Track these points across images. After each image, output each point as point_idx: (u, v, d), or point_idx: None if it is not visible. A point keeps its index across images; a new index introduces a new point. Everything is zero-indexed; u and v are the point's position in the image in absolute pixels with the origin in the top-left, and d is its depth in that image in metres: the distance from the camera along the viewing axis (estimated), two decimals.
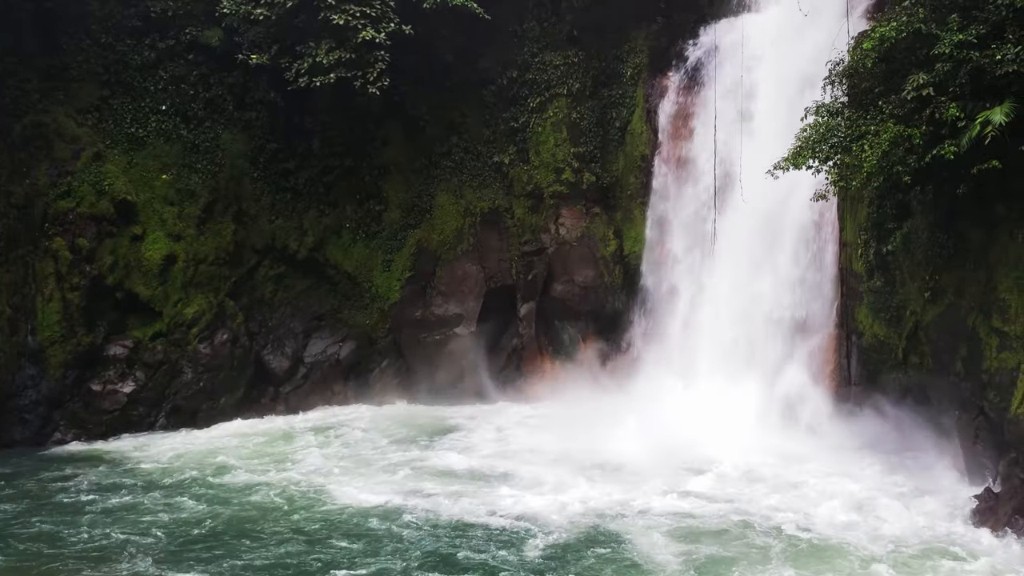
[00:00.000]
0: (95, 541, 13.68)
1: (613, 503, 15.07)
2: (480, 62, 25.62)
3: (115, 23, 23.34)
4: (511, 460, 17.91)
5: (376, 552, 13.05)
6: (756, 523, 13.89)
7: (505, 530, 13.91)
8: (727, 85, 21.70)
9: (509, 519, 14.37)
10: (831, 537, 13.20)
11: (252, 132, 24.58)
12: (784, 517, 14.02)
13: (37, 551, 13.30)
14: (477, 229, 25.35)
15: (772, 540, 13.21)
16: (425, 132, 25.75)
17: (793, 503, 14.66)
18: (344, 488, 16.16)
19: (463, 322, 24.89)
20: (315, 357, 24.57)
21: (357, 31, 22.17)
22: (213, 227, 23.52)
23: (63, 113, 22.31)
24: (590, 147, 24.90)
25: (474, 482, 16.54)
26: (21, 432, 20.50)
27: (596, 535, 13.67)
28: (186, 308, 22.65)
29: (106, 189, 22.10)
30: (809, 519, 13.92)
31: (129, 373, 21.70)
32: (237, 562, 12.72)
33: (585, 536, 13.62)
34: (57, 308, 21.11)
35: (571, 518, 14.33)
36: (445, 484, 16.37)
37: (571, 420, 19.74)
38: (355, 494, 15.79)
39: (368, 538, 13.66)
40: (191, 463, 18.30)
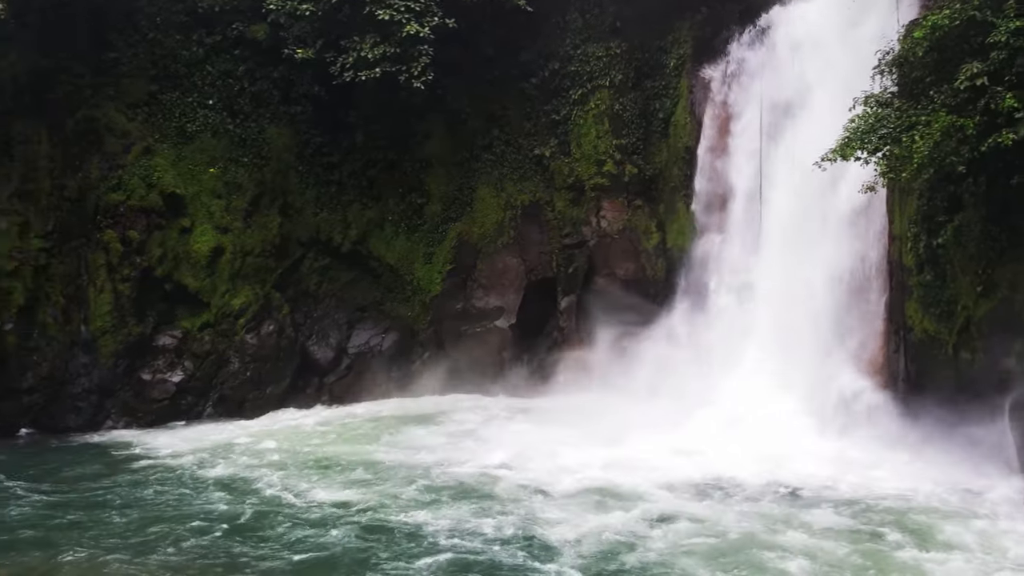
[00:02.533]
0: (138, 528, 13.92)
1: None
2: (521, 55, 25.64)
3: (164, 19, 23.73)
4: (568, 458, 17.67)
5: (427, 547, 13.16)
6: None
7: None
8: (774, 75, 21.43)
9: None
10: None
11: (297, 126, 24.89)
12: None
13: (83, 536, 13.57)
14: (518, 222, 25.43)
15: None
16: (466, 125, 25.87)
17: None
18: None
19: (503, 315, 25.00)
20: (358, 348, 24.85)
21: (401, 25, 22.32)
22: (259, 220, 23.87)
23: (114, 108, 22.76)
24: (632, 139, 24.80)
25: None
26: (75, 419, 21.04)
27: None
28: (233, 299, 23.03)
29: (155, 182, 22.55)
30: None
31: (178, 363, 22.14)
32: (291, 555, 12.76)
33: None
34: (109, 299, 21.62)
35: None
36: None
37: (615, 416, 19.53)
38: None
39: (419, 531, 13.77)
40: (238, 452, 18.57)
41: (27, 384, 20.67)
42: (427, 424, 20.93)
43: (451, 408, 22.58)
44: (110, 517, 14.42)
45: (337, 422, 21.51)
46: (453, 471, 16.75)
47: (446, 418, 21.46)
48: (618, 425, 18.58)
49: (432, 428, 20.57)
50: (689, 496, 15.06)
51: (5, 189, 21.22)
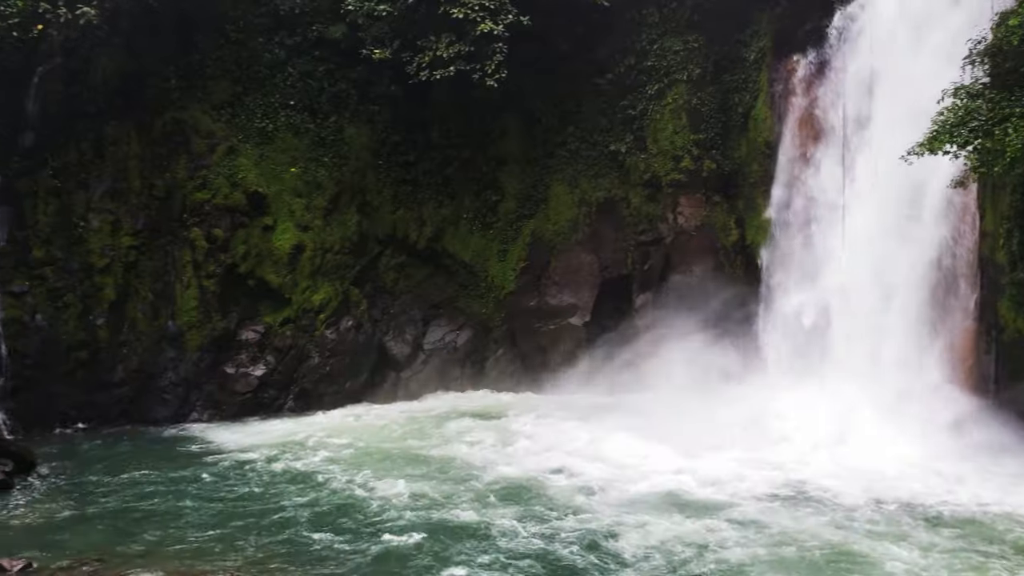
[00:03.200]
0: (221, 519, 14.28)
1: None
2: (597, 51, 25.50)
3: (247, 22, 24.37)
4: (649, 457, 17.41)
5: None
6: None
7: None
8: (858, 67, 20.84)
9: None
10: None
11: (375, 125, 25.27)
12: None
13: (168, 526, 14.01)
14: (592, 219, 25.32)
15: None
16: (541, 122, 25.87)
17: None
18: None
19: (577, 312, 24.92)
20: (434, 344, 25.10)
21: (476, 24, 22.45)
22: (339, 218, 24.32)
23: (199, 109, 23.46)
24: (711, 134, 24.42)
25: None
26: (162, 411, 21.79)
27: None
28: (313, 295, 23.52)
29: (239, 182, 23.18)
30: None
31: (260, 357, 22.73)
32: (367, 547, 12.91)
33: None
34: (194, 295, 22.33)
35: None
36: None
37: (690, 419, 19.19)
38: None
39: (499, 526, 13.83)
40: (316, 446, 18.92)
41: (117, 377, 21.49)
42: (500, 421, 20.98)
43: (524, 405, 22.60)
44: (194, 508, 14.85)
45: (411, 417, 21.74)
46: (525, 469, 16.72)
47: (518, 415, 21.44)
48: (693, 428, 18.24)
49: (504, 425, 20.59)
50: (767, 505, 14.60)
51: (97, 188, 22.11)
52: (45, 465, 17.14)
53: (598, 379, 23.60)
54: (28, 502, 15.14)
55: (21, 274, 20.99)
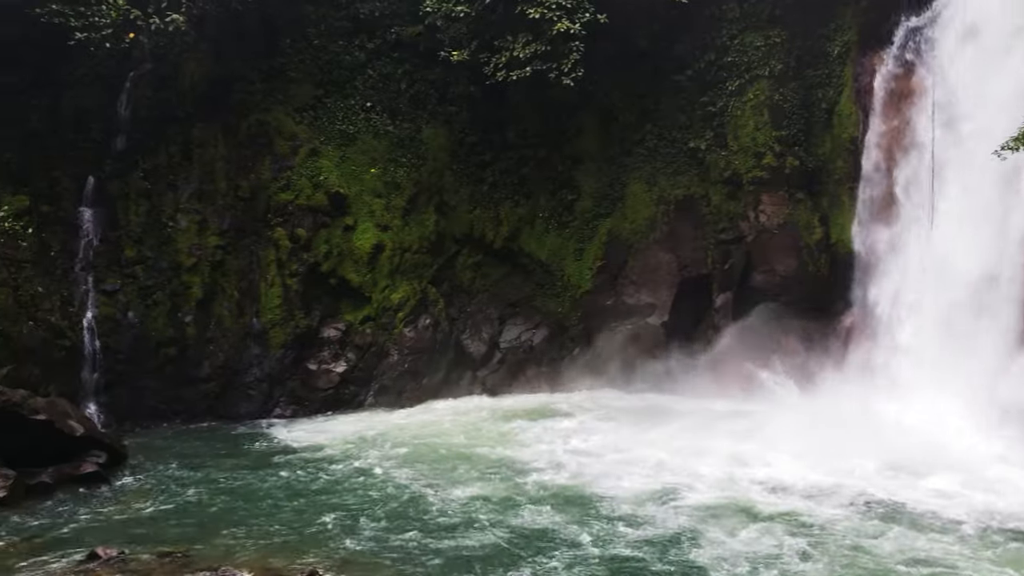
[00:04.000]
0: (304, 514, 14.43)
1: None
2: (675, 47, 25.19)
3: (328, 26, 24.86)
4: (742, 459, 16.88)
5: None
6: None
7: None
8: (947, 60, 20.13)
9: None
10: None
11: (452, 126, 25.50)
12: None
13: (253, 520, 14.23)
14: (670, 217, 25.02)
15: None
16: (618, 120, 25.68)
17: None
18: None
19: (655, 312, 24.65)
20: (510, 343, 25.15)
21: (552, 23, 22.42)
22: (417, 218, 24.61)
23: (283, 112, 24.03)
24: (793, 130, 23.87)
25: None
26: (247, 406, 22.35)
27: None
28: (393, 294, 23.85)
29: (321, 182, 23.66)
30: None
31: (341, 354, 23.16)
32: (469, 543, 12.96)
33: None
34: (278, 293, 22.87)
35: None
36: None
37: (771, 423, 18.61)
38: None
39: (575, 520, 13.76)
40: (395, 442, 19.07)
41: (204, 373, 22.14)
42: (575, 421, 20.79)
43: (600, 405, 22.34)
44: (276, 503, 15.10)
45: (488, 415, 21.71)
46: (605, 472, 16.45)
47: (594, 415, 21.22)
48: (773, 433, 17.71)
49: (580, 425, 20.38)
50: (848, 516, 13.81)
51: (185, 190, 22.83)
52: (135, 458, 17.67)
53: (676, 380, 23.28)
54: (119, 494, 15.65)
55: (113, 273, 21.82)
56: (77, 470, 15.97)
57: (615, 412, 21.46)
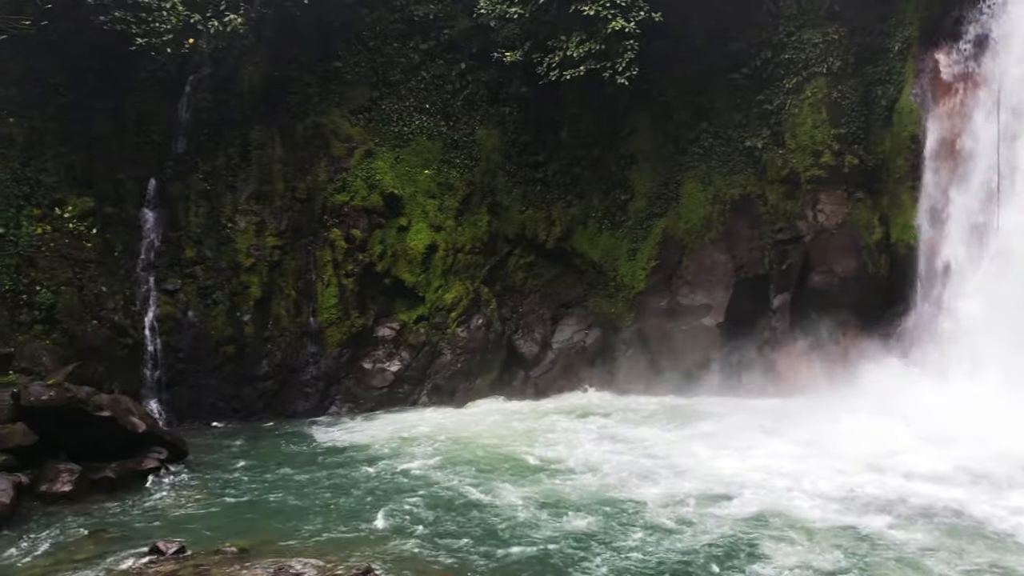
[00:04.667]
0: (358, 511, 14.49)
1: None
2: (731, 45, 24.89)
3: (382, 28, 25.09)
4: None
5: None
6: None
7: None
8: (1014, 56, 19.56)
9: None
10: None
11: (505, 127, 25.56)
12: None
13: (313, 516, 14.32)
14: (726, 217, 24.70)
15: None
16: (673, 119, 25.46)
17: None
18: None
19: (711, 312, 24.35)
20: (562, 343, 25.09)
21: (607, 22, 22.31)
22: (470, 218, 24.71)
23: (338, 114, 24.32)
24: (852, 128, 23.43)
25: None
26: (304, 404, 22.64)
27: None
28: (446, 294, 23.98)
29: (376, 184, 23.90)
30: None
31: (396, 353, 23.34)
32: (518, 546, 12.84)
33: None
34: (334, 292, 23.15)
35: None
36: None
37: (831, 427, 18.01)
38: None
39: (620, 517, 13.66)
40: (448, 441, 19.09)
41: (262, 371, 22.48)
42: (626, 422, 20.51)
43: (654, 406, 22.11)
44: (331, 500, 15.17)
45: (541, 415, 21.59)
46: (652, 474, 16.10)
47: (648, 417, 20.98)
48: (832, 437, 17.26)
49: (631, 427, 20.02)
50: (925, 532, 13.03)
51: (244, 191, 23.24)
52: (195, 454, 17.98)
53: (733, 382, 22.98)
54: (180, 489, 15.92)
55: (174, 273, 22.29)
56: (139, 466, 16.32)
57: (668, 414, 21.21)
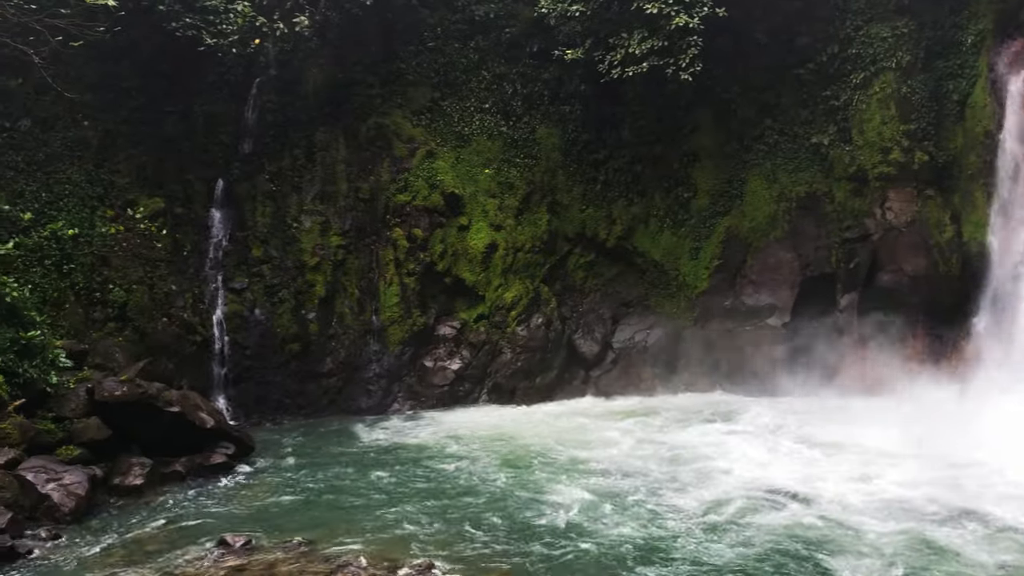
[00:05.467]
0: (419, 507, 14.61)
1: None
2: (796, 40, 24.47)
3: (444, 28, 25.25)
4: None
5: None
6: None
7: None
8: None
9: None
10: None
11: (566, 125, 25.50)
12: None
13: (375, 510, 14.53)
14: (792, 215, 24.30)
15: None
16: (736, 116, 25.12)
17: None
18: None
19: (776, 312, 23.98)
20: (623, 343, 24.93)
21: (670, 18, 22.10)
22: (530, 217, 24.72)
23: (400, 115, 24.54)
24: (922, 124, 22.82)
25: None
26: (367, 401, 22.91)
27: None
28: (506, 293, 24.03)
29: (437, 184, 24.06)
30: None
31: (456, 352, 23.48)
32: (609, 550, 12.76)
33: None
34: (396, 291, 23.37)
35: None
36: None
37: (903, 429, 17.54)
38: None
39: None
40: (508, 441, 19.14)
41: (326, 368, 22.80)
42: (691, 424, 20.24)
43: (718, 408, 21.76)
44: (393, 496, 15.37)
45: (601, 416, 21.49)
46: (723, 481, 15.71)
47: (712, 419, 20.60)
48: (897, 440, 16.87)
49: (697, 428, 19.77)
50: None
51: (309, 192, 23.60)
52: (261, 450, 18.35)
53: (798, 383, 22.52)
54: (246, 484, 16.26)
55: (241, 272, 22.74)
56: (207, 460, 16.70)
57: (732, 415, 20.91)
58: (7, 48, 19.59)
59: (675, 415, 21.25)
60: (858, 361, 21.94)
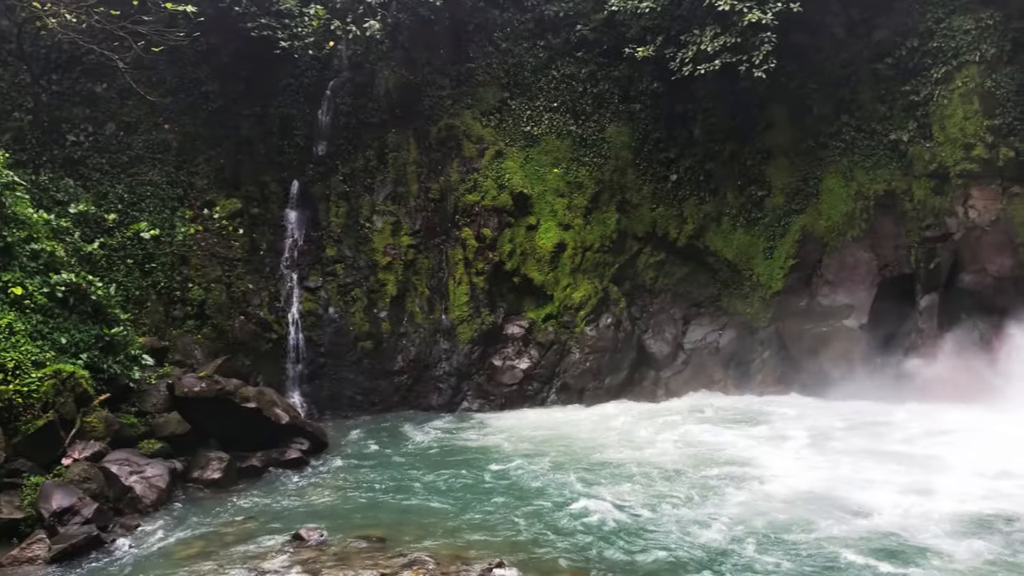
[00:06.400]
0: (489, 506, 14.62)
1: None
2: (874, 34, 23.85)
3: (513, 28, 25.35)
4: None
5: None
6: None
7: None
8: None
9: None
10: None
11: (636, 123, 25.34)
12: None
13: (446, 510, 14.60)
14: (870, 213, 23.65)
15: None
16: (812, 112, 24.59)
17: None
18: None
19: (853, 313, 23.35)
20: (694, 344, 24.63)
21: (743, 14, 21.77)
22: (598, 216, 24.63)
23: (470, 116, 24.72)
24: (1008, 119, 21.97)
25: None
26: (436, 399, 23.13)
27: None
28: (574, 292, 23.97)
29: (506, 184, 24.16)
30: None
31: (525, 351, 23.53)
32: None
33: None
34: (465, 290, 23.54)
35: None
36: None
37: (983, 436, 16.92)
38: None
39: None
40: (576, 442, 18.96)
41: (397, 366, 23.10)
42: (768, 427, 19.61)
43: (793, 411, 21.08)
44: (463, 494, 15.43)
45: (670, 418, 21.01)
46: (793, 485, 15.16)
47: (788, 422, 19.93)
48: (978, 449, 16.10)
49: (775, 433, 19.05)
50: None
51: (381, 192, 23.95)
52: (334, 445, 18.65)
53: (876, 386, 21.81)
54: (320, 479, 16.51)
55: (316, 271, 23.19)
56: (282, 455, 17.06)
57: (808, 419, 20.25)
58: (93, 55, 20.36)
59: (747, 417, 20.76)
60: (939, 365, 21.21)
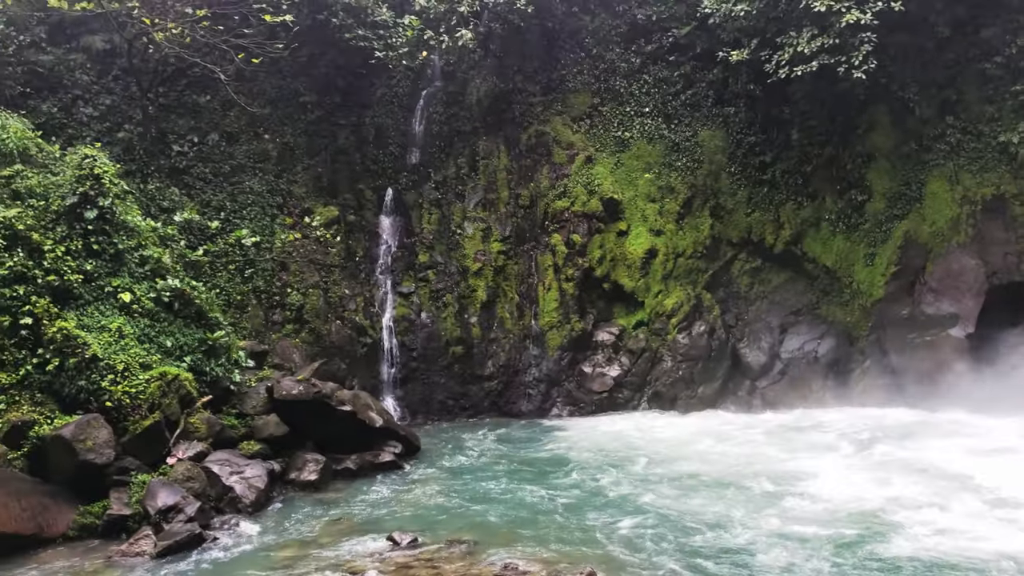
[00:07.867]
0: (577, 513, 14.55)
1: None
2: (982, 32, 22.85)
3: (604, 34, 25.29)
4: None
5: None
6: None
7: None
8: None
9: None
10: None
11: (730, 127, 24.90)
12: None
13: (536, 515, 14.60)
14: (977, 219, 22.63)
15: None
16: (915, 114, 23.69)
17: None
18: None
19: (959, 322, 22.38)
20: (792, 353, 23.97)
21: (840, 15, 21.15)
22: (691, 222, 24.29)
23: (560, 122, 24.73)
24: None
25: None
26: (526, 405, 23.20)
27: None
28: (666, 299, 23.68)
29: (596, 189, 24.07)
30: None
31: (615, 358, 23.36)
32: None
33: None
34: (555, 296, 23.53)
35: None
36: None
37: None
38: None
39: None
40: (668, 453, 18.59)
41: (487, 371, 23.25)
42: (869, 440, 18.83)
43: (890, 424, 20.23)
44: (553, 500, 15.37)
45: (767, 429, 20.45)
46: (900, 510, 14.22)
47: (892, 436, 19.05)
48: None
49: (872, 448, 18.20)
50: None
51: (472, 199, 24.17)
52: (426, 449, 18.86)
53: (984, 399, 20.77)
54: (413, 483, 16.70)
55: (409, 277, 23.56)
56: (376, 458, 17.35)
57: (911, 432, 19.44)
58: (198, 68, 21.17)
59: (847, 431, 19.91)
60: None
